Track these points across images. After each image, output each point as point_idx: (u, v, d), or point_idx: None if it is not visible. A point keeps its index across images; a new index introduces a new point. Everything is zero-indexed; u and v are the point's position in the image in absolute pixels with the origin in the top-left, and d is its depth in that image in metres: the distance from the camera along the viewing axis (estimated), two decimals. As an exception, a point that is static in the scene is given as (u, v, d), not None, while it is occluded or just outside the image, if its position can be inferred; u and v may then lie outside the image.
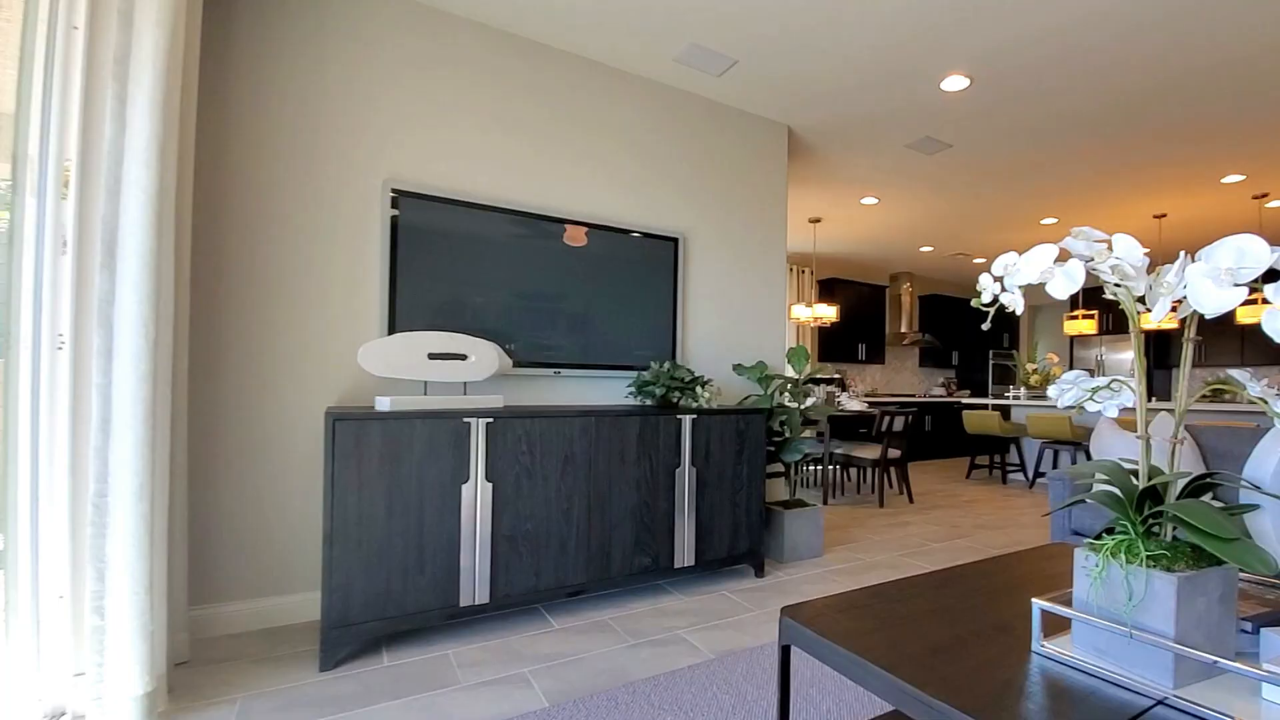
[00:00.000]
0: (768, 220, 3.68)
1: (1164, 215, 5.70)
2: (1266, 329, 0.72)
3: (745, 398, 3.38)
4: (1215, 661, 0.82)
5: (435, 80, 2.65)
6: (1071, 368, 9.15)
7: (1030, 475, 6.16)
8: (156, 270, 1.60)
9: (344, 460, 1.98)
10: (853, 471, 6.62)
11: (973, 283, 9.30)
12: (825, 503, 4.82)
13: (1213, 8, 2.63)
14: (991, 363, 9.11)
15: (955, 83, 3.31)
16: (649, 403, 2.95)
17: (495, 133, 2.79)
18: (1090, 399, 0.96)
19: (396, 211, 2.48)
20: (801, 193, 5.14)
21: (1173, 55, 3.08)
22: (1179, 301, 0.83)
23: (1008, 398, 6.66)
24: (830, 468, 5.47)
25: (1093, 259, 0.87)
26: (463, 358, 2.35)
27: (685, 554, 2.69)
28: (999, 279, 0.93)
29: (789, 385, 3.30)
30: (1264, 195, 5.14)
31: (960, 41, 2.92)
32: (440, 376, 2.30)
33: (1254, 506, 0.93)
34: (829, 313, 6.07)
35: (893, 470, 6.23)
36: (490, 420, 2.22)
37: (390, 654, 2.08)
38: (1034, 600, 0.98)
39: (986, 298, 0.94)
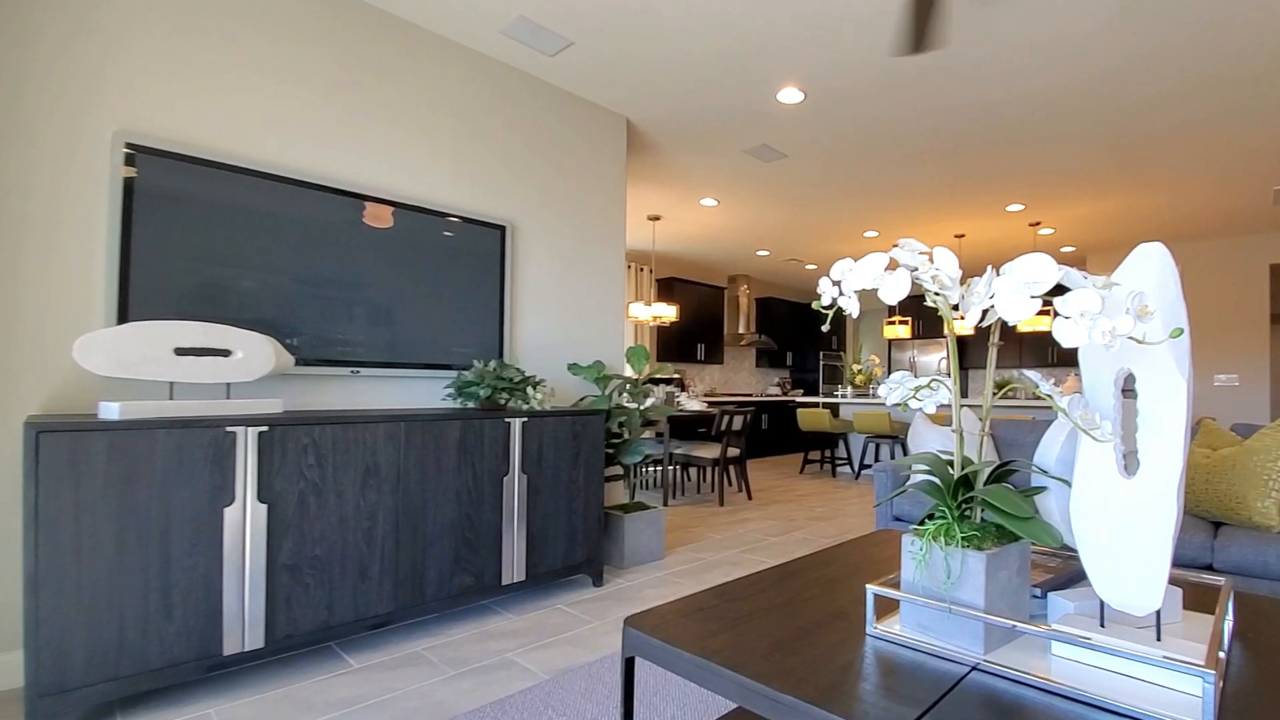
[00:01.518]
0: (606, 214, 3.73)
1: (963, 235, 6.86)
2: (1056, 335, 0.87)
3: (581, 398, 3.38)
4: (1014, 626, 0.95)
5: (201, 13, 2.31)
6: (890, 369, 10.50)
7: (856, 468, 6.87)
8: None
9: (54, 483, 1.62)
10: (693, 471, 6.93)
11: (806, 287, 10.31)
12: (666, 504, 4.97)
13: (990, 64, 3.18)
14: (822, 363, 10.14)
15: (790, 94, 3.64)
16: (472, 405, 2.83)
17: (283, 88, 2.50)
18: (914, 397, 1.10)
19: (133, 171, 2.11)
20: (641, 189, 5.31)
21: (960, 98, 3.69)
22: (986, 310, 0.96)
23: (837, 396, 7.42)
24: (670, 468, 5.67)
25: (917, 269, 0.99)
26: (226, 354, 2.05)
27: (515, 569, 2.60)
28: (837, 283, 1.02)
29: (628, 385, 3.35)
30: (1037, 223, 6.40)
31: (794, 54, 3.21)
32: (194, 377, 1.99)
33: (1043, 489, 1.10)
34: (669, 312, 6.32)
35: (732, 469, 6.63)
36: (264, 429, 1.97)
37: (129, 728, 1.74)
38: (867, 586, 1.09)
39: (826, 300, 1.02)
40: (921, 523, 1.07)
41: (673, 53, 3.18)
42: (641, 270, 7.69)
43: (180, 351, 1.97)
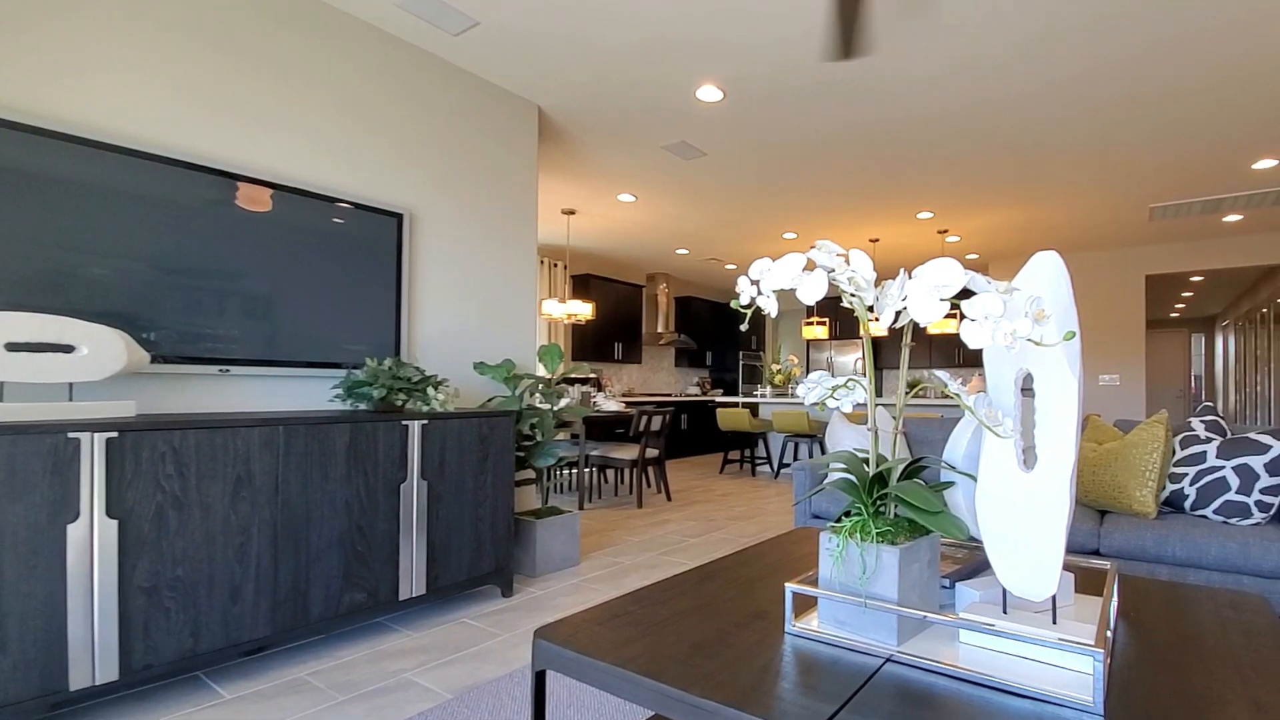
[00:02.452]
0: (516, 206, 3.64)
1: (878, 240, 7.27)
2: (963, 337, 0.92)
3: (489, 399, 3.28)
4: (925, 617, 1.01)
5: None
6: (809, 369, 10.96)
7: (775, 467, 7.13)
8: None
9: None
10: (610, 473, 6.94)
11: (726, 286, 10.57)
12: (582, 508, 4.95)
13: (905, 81, 3.34)
14: (742, 363, 10.43)
15: (710, 93, 3.68)
16: (364, 407, 2.67)
17: (143, 54, 2.24)
18: (831, 396, 1.14)
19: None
20: (555, 182, 5.24)
21: (876, 110, 3.89)
22: (900, 311, 1.01)
23: (756, 396, 7.65)
24: (587, 471, 5.65)
25: (834, 270, 1.02)
26: (68, 349, 1.82)
27: (414, 582, 2.48)
28: (756, 282, 1.04)
29: (540, 385, 3.29)
30: (945, 231, 6.90)
31: (713, 53, 3.25)
32: (29, 376, 1.75)
33: (951, 483, 1.16)
34: (584, 310, 6.29)
35: (651, 470, 6.68)
36: (113, 435, 1.75)
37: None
38: (786, 585, 1.12)
39: (744, 299, 1.04)
40: (838, 520, 1.11)
41: (588, 40, 3.14)
42: (555, 266, 7.60)
43: (12, 347, 1.72)
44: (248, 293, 2.45)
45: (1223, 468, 2.43)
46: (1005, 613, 1.07)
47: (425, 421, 2.53)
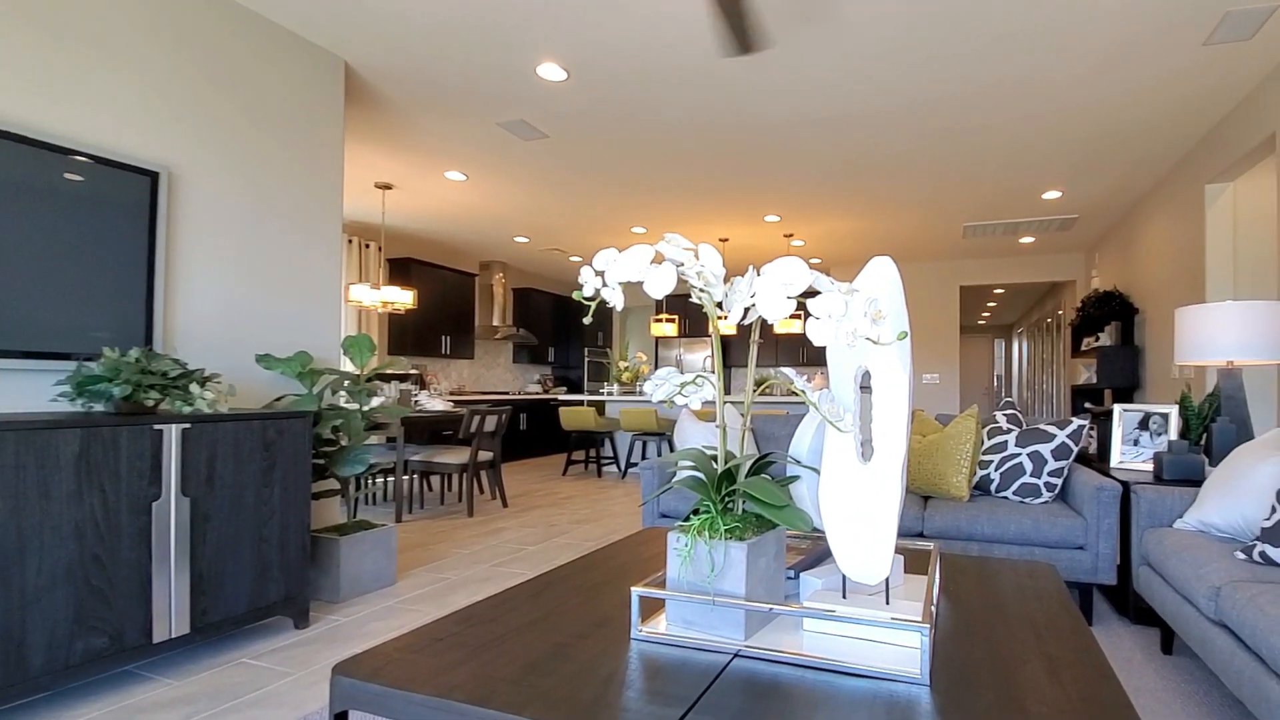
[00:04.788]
0: (315, 173, 3.36)
1: (727, 239, 7.75)
2: (809, 334, 0.98)
3: (278, 398, 2.99)
4: (770, 609, 1.07)
5: None
6: (657, 367, 11.32)
7: (623, 466, 7.36)
8: None
9: None
10: (435, 480, 6.68)
11: (570, 279, 10.59)
12: (400, 520, 4.74)
13: (756, 87, 3.49)
14: (587, 360, 10.53)
15: (552, 71, 3.62)
16: (102, 408, 2.28)
17: None
18: (679, 393, 1.16)
19: None
20: (367, 151, 4.90)
21: (726, 112, 4.11)
22: (748, 308, 1.05)
23: (602, 394, 7.76)
24: (407, 478, 5.39)
25: (683, 264, 1.05)
26: None
27: (174, 620, 2.17)
28: (600, 273, 1.05)
29: (346, 382, 3.08)
30: (791, 235, 7.58)
31: (556, 28, 3.19)
32: None
33: (796, 478, 1.25)
34: (404, 298, 5.96)
35: (484, 474, 6.51)
36: None
37: None
38: (632, 589, 1.12)
39: (588, 291, 1.05)
40: (687, 518, 1.14)
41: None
42: (367, 246, 7.11)
43: None
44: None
45: (1020, 454, 2.90)
46: (845, 598, 1.17)
47: (188, 425, 2.23)
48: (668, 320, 8.44)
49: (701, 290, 1.08)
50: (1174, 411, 3.00)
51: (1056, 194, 5.99)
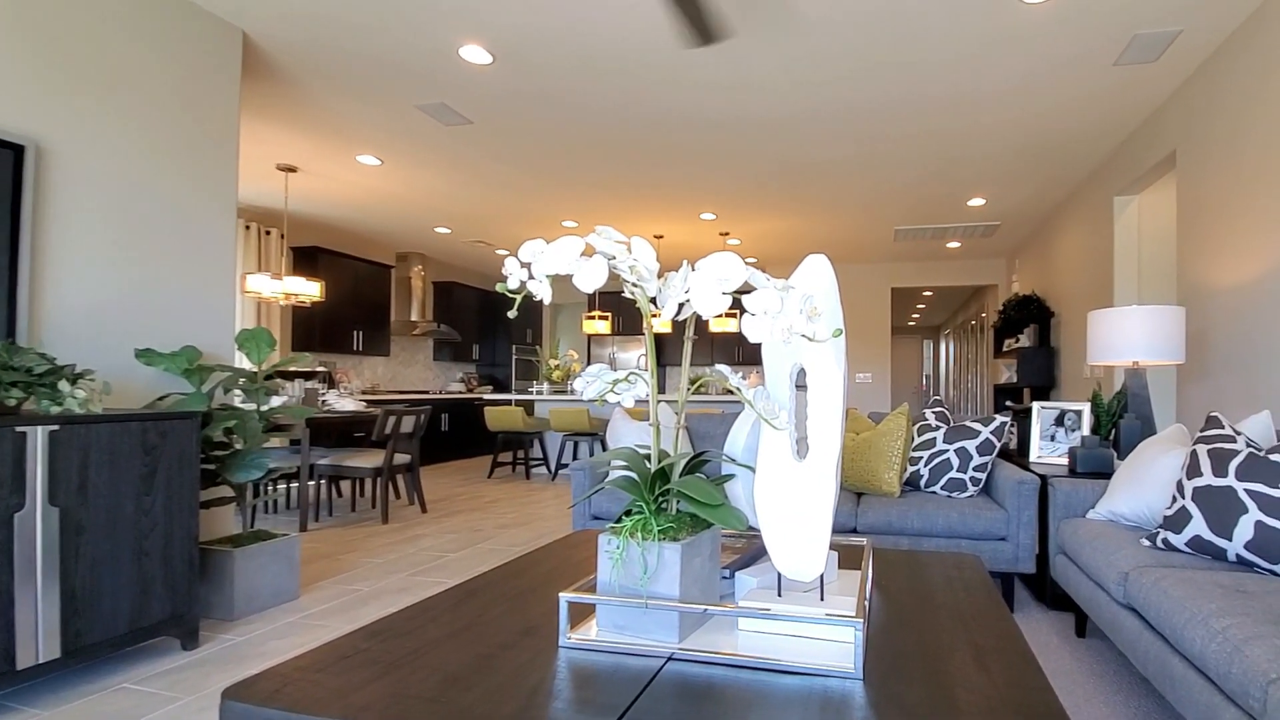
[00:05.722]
0: (207, 151, 3.20)
1: (662, 236, 7.86)
2: (744, 331, 0.99)
3: (162, 397, 2.83)
4: (705, 610, 1.08)
5: None
6: (590, 364, 11.29)
7: (553, 468, 7.36)
8: None
9: None
10: (346, 485, 6.47)
11: (497, 273, 10.42)
12: (304, 529, 4.57)
13: (689, 83, 3.56)
14: (515, 358, 10.40)
15: (476, 54, 3.54)
16: (-46, 403, 2.08)
17: None
18: (611, 391, 1.15)
19: None
20: (269, 129, 4.67)
21: (661, 107, 4.15)
22: (683, 304, 1.05)
23: (531, 393, 7.68)
24: (313, 484, 5.19)
25: (615, 258, 1.03)
26: None
27: (41, 644, 2.01)
28: (527, 265, 1.03)
29: (241, 380, 2.97)
30: (726, 233, 7.76)
31: (479, 6, 3.11)
32: None
33: (731, 476, 1.25)
34: (309, 289, 5.72)
35: (401, 478, 6.33)
36: None
37: None
38: (561, 594, 1.10)
39: (513, 283, 1.03)
40: (619, 520, 1.13)
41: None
42: (267, 233, 6.77)
43: None
44: None
45: (947, 451, 3.06)
46: (780, 596, 1.19)
47: (56, 427, 2.07)
48: (600, 317, 8.42)
49: (634, 285, 1.07)
50: (1086, 409, 3.24)
51: (981, 201, 6.37)
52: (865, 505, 2.95)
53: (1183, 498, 2.00)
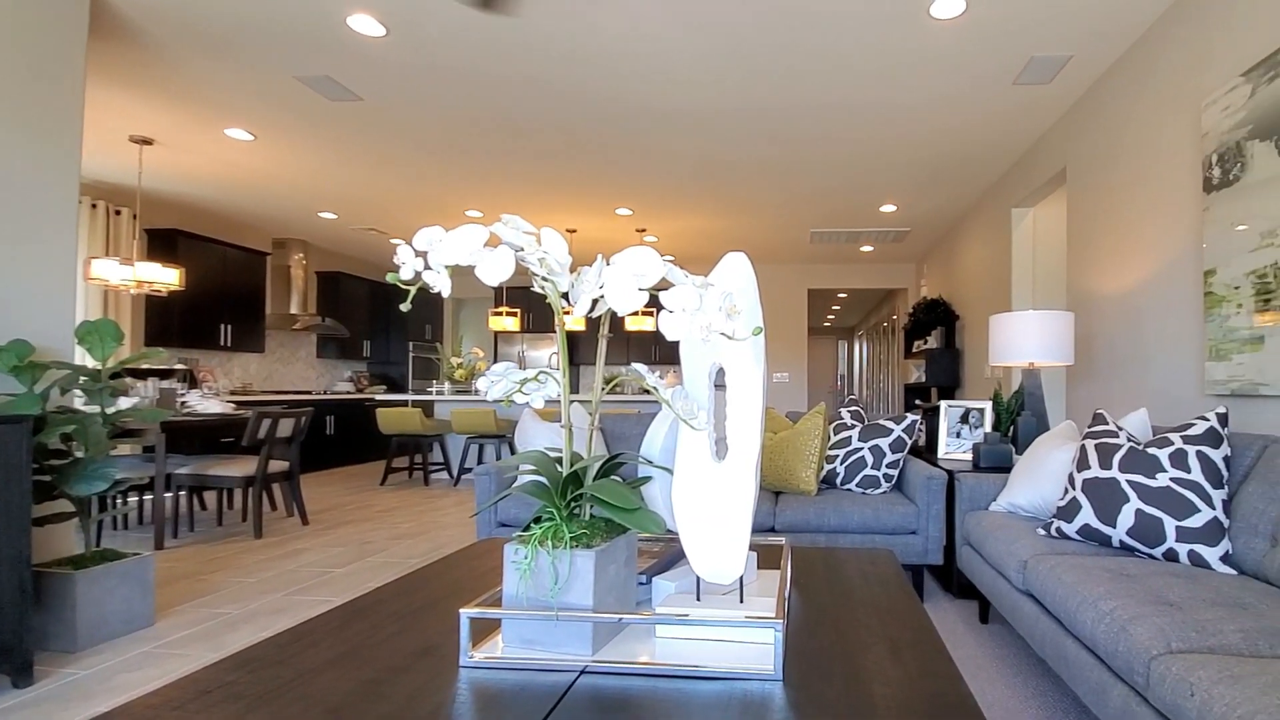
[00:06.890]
0: (43, 119, 2.96)
1: (575, 230, 7.76)
2: (661, 328, 0.99)
3: None
4: (620, 619, 1.08)
5: None
6: (496, 362, 11.12)
7: (455, 473, 7.22)
8: None
9: None
10: (211, 497, 6.08)
11: (388, 264, 10.04)
12: (161, 546, 4.27)
13: (605, 69, 3.59)
14: (412, 356, 10.10)
15: (366, 24, 3.40)
16: None
17: None
18: (519, 391, 1.12)
19: None
20: (120, 97, 4.33)
21: (572, 92, 4.11)
22: (597, 299, 1.04)
23: (430, 393, 7.48)
24: (170, 496, 4.87)
25: (523, 249, 1.01)
26: None
27: None
28: (422, 254, 0.99)
29: (83, 379, 2.80)
30: (644, 230, 7.82)
31: None
32: None
33: (648, 479, 1.25)
34: (166, 277, 5.34)
35: (277, 488, 5.99)
36: None
37: None
38: (461, 610, 1.06)
39: (406, 274, 0.98)
40: (527, 527, 1.11)
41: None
42: (117, 213, 6.26)
43: None
44: None
45: (862, 449, 3.25)
46: (699, 600, 1.20)
47: None
48: (509, 313, 8.26)
49: (544, 279, 1.05)
50: (988, 407, 3.51)
51: (893, 208, 6.81)
52: (783, 504, 3.07)
53: (1073, 489, 2.20)
